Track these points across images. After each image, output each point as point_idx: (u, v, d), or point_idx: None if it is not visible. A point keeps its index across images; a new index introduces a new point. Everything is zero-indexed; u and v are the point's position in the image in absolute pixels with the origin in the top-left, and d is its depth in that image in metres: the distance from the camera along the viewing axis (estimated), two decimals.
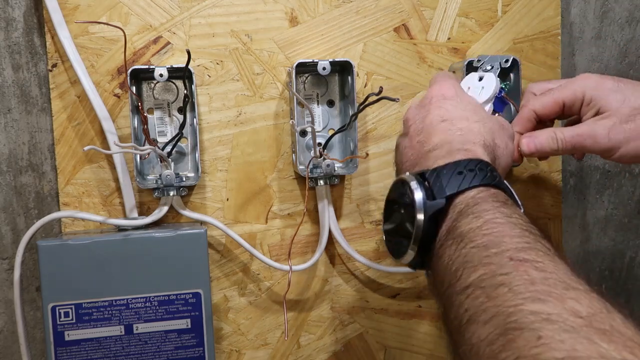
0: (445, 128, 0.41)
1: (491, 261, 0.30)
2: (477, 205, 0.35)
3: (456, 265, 0.32)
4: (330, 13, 0.59)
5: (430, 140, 0.41)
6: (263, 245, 0.59)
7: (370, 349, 0.63)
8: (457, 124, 0.41)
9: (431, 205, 0.36)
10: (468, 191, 0.36)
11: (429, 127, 0.42)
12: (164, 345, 0.52)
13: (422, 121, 0.43)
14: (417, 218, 0.36)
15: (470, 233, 0.33)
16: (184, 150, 0.57)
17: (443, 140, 0.40)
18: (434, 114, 0.43)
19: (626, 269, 0.71)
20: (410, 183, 0.37)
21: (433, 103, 0.44)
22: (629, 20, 0.67)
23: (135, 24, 0.55)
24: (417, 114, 0.45)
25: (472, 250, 0.32)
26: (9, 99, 0.55)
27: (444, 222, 0.36)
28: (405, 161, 0.43)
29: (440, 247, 0.35)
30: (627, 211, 0.70)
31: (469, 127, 0.41)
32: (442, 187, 0.36)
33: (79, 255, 0.50)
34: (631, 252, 0.71)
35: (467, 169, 0.37)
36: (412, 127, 0.44)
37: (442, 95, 0.44)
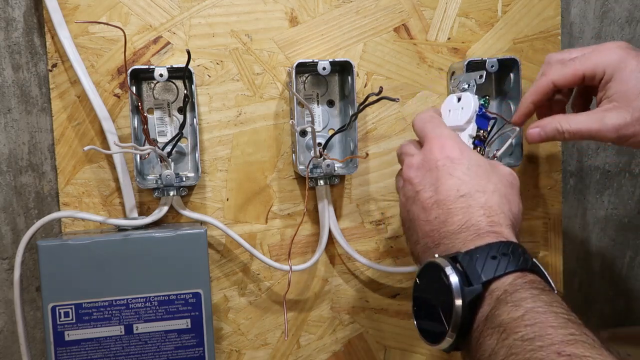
0: (466, 205, 0.40)
1: (538, 356, 0.30)
2: (516, 293, 0.34)
3: (500, 357, 0.32)
4: (330, 13, 0.59)
5: (452, 220, 0.40)
6: (263, 245, 0.59)
7: (370, 349, 0.63)
8: (476, 199, 0.40)
9: (469, 291, 0.35)
10: (504, 277, 0.35)
11: (446, 202, 0.41)
12: (164, 345, 0.52)
13: (434, 190, 0.42)
14: (455, 304, 0.35)
15: (512, 324, 0.33)
16: (184, 150, 0.57)
17: (468, 222, 0.39)
18: (448, 184, 0.41)
19: (626, 269, 0.71)
20: (445, 268, 0.36)
21: (441, 168, 0.42)
22: (629, 20, 0.67)
23: (135, 24, 0.55)
24: (424, 178, 0.43)
25: (516, 342, 0.32)
26: (9, 99, 0.55)
27: (480, 308, 0.35)
28: (422, 236, 0.42)
29: (479, 334, 0.35)
30: (627, 211, 0.70)
31: (489, 204, 0.40)
32: (478, 273, 0.35)
33: (79, 255, 0.50)
34: (631, 252, 0.71)
35: (500, 252, 0.36)
36: (423, 194, 0.42)
37: (448, 159, 0.43)
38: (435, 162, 0.43)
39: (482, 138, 0.50)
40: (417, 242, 0.43)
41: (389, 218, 0.62)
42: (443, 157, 0.43)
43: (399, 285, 0.63)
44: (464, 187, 0.41)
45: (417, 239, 0.43)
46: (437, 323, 0.37)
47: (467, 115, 0.49)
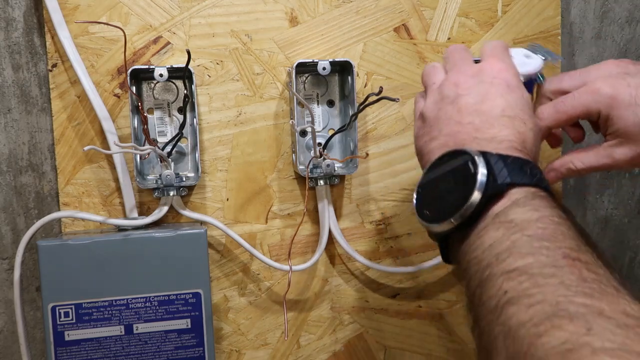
0: (506, 125, 0.40)
1: (543, 252, 0.30)
2: (535, 200, 0.34)
3: (501, 249, 0.32)
4: (330, 13, 0.59)
5: (488, 131, 0.40)
6: (263, 245, 0.59)
7: (370, 349, 0.63)
8: (517, 125, 0.40)
9: (493, 186, 0.35)
10: (528, 187, 0.35)
11: (489, 115, 0.40)
12: (164, 345, 0.52)
13: (480, 101, 0.41)
14: (475, 193, 0.35)
15: (525, 223, 0.33)
16: (184, 150, 0.57)
17: (505, 136, 0.39)
18: (497, 102, 0.41)
19: (626, 269, 0.71)
20: (476, 157, 0.36)
21: (495, 86, 0.42)
22: (629, 20, 0.67)
23: (135, 24, 0.55)
24: (474, 87, 0.42)
25: (523, 237, 0.32)
26: (9, 99, 0.55)
27: (494, 205, 0.35)
28: (445, 134, 0.41)
29: (483, 228, 0.35)
30: (627, 211, 0.70)
31: (527, 134, 0.40)
32: (505, 175, 0.35)
33: (79, 255, 0.50)
34: (631, 252, 0.71)
35: (529, 167, 0.36)
36: (466, 99, 0.42)
37: (505, 82, 0.42)
38: (492, 77, 0.42)
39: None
40: (434, 139, 0.42)
41: (389, 218, 0.62)
42: (500, 78, 0.42)
43: (399, 285, 0.63)
44: (509, 110, 0.41)
45: (436, 135, 0.42)
46: (444, 206, 0.37)
47: (524, 70, 0.47)
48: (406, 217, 0.62)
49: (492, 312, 0.30)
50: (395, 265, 0.62)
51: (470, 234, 0.35)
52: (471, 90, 0.42)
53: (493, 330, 0.30)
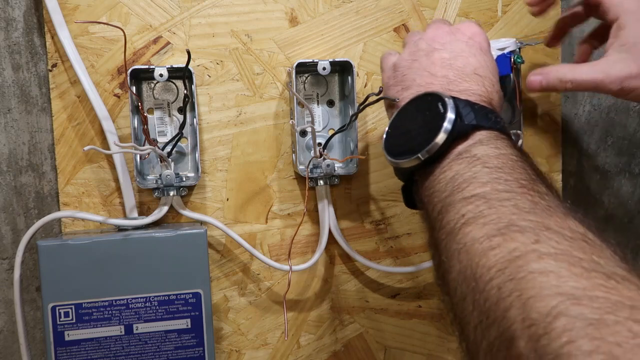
0: (477, 82, 0.42)
1: (500, 181, 0.33)
2: (498, 141, 0.37)
3: (462, 179, 0.35)
4: (330, 13, 0.59)
5: (460, 83, 0.42)
6: (263, 245, 0.59)
7: (370, 349, 0.63)
8: (486, 83, 0.42)
9: (461, 126, 0.37)
10: (493, 131, 0.38)
11: (462, 70, 0.42)
12: (164, 345, 0.52)
13: (454, 57, 0.43)
14: (441, 133, 0.37)
15: (485, 157, 0.35)
16: (184, 150, 0.57)
17: (474, 91, 0.41)
18: (469, 60, 0.43)
19: None
20: (446, 99, 0.38)
21: (469, 46, 0.44)
22: None
23: (135, 24, 0.55)
24: (449, 44, 0.44)
25: (483, 169, 0.34)
26: (9, 99, 0.55)
27: (460, 144, 0.38)
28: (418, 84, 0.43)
29: (447, 163, 0.37)
30: (627, 211, 0.70)
31: (493, 93, 0.42)
32: (472, 117, 0.38)
33: (79, 255, 0.50)
34: (631, 252, 0.71)
35: (493, 115, 0.39)
36: (440, 53, 0.44)
37: (479, 44, 0.44)
38: (467, 38, 0.44)
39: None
40: (406, 88, 0.44)
41: (389, 218, 0.62)
42: (475, 41, 0.44)
43: (399, 285, 0.63)
44: (481, 70, 0.43)
45: (409, 85, 0.44)
46: (412, 143, 0.40)
47: (495, 44, 0.50)
48: (406, 217, 0.62)
49: (449, 233, 0.32)
50: (395, 265, 0.62)
51: (435, 169, 0.38)
52: (446, 46, 0.44)
53: (450, 249, 0.32)
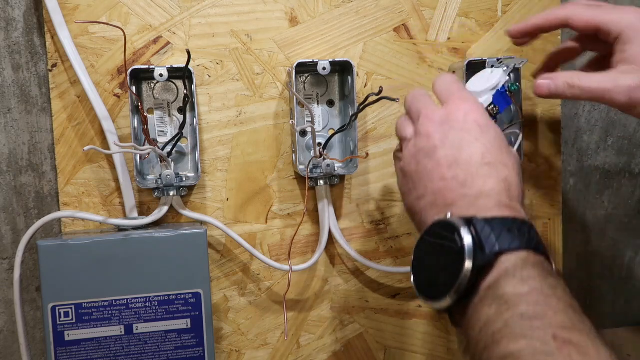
0: (489, 174, 0.39)
1: (535, 335, 0.30)
2: (525, 270, 0.34)
3: (495, 328, 0.32)
4: (330, 13, 0.59)
5: (473, 184, 0.39)
6: (263, 245, 0.59)
7: (370, 349, 0.63)
8: (500, 171, 0.40)
9: (481, 256, 0.35)
10: (517, 252, 0.35)
11: (469, 165, 0.40)
12: (164, 345, 0.52)
13: (457, 150, 0.40)
14: (465, 268, 0.35)
15: (515, 298, 0.33)
16: (184, 150, 0.57)
17: (490, 190, 0.39)
18: (474, 148, 0.40)
19: (626, 269, 0.71)
20: (461, 229, 0.36)
21: (468, 131, 0.41)
22: None
23: (135, 24, 0.55)
24: (446, 136, 0.41)
25: (514, 317, 0.32)
26: (9, 99, 0.56)
27: (487, 276, 0.35)
28: (431, 192, 0.41)
29: (479, 301, 0.35)
30: (627, 211, 0.70)
31: (510, 179, 0.40)
32: (493, 241, 0.35)
33: (79, 255, 0.50)
34: (631, 252, 0.71)
35: (516, 228, 0.36)
36: (442, 151, 0.41)
37: (476, 123, 0.41)
38: (461, 123, 0.41)
39: (491, 113, 0.49)
40: (421, 197, 0.42)
41: (389, 218, 0.62)
42: (471, 121, 0.41)
43: (399, 285, 0.63)
44: (489, 156, 0.40)
45: (422, 193, 0.41)
46: (439, 283, 0.37)
47: (487, 84, 0.49)
48: (406, 217, 0.62)
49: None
50: (395, 265, 0.62)
51: (468, 308, 0.35)
52: (445, 141, 0.41)
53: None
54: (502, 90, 0.49)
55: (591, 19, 0.46)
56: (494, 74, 0.51)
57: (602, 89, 0.44)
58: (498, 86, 0.49)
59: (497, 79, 0.50)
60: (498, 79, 0.50)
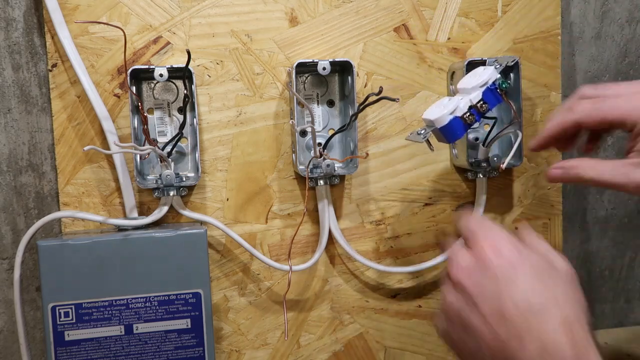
0: (540, 323, 0.35)
1: None
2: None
3: None
4: (330, 13, 0.59)
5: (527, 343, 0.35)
6: (263, 245, 0.59)
7: (370, 349, 0.63)
8: (552, 314, 0.35)
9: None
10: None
11: (515, 319, 0.35)
12: (164, 345, 0.52)
13: (498, 302, 0.36)
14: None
15: None
16: (184, 150, 0.57)
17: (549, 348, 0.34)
18: (515, 297, 0.36)
19: (626, 269, 0.71)
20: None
21: (501, 276, 0.37)
22: (629, 20, 0.67)
23: (135, 24, 0.55)
24: (481, 286, 0.37)
25: None
26: (9, 99, 0.56)
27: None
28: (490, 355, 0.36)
29: None
30: (627, 211, 0.70)
31: (565, 317, 0.35)
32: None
33: (79, 255, 0.50)
34: (631, 252, 0.71)
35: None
36: (483, 306, 0.37)
37: (508, 263, 0.38)
38: (492, 267, 0.38)
39: (480, 110, 0.49)
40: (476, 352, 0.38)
41: (389, 218, 0.62)
42: (502, 262, 0.38)
43: (399, 286, 0.63)
44: (534, 299, 0.36)
45: (483, 356, 0.37)
46: None
47: (477, 81, 0.49)
48: (406, 217, 0.62)
49: None
50: (395, 265, 0.62)
51: None
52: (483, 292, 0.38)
53: None
54: (492, 88, 0.49)
55: (603, 119, 0.44)
56: (485, 71, 0.51)
57: (614, 183, 0.43)
58: (488, 83, 0.49)
59: (487, 75, 0.50)
60: (488, 75, 0.50)
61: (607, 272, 0.71)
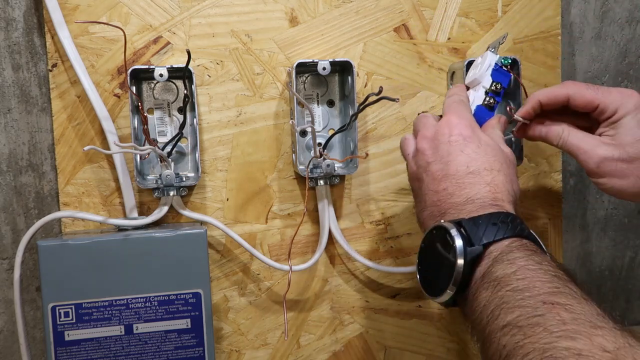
0: (474, 182, 0.44)
1: (526, 304, 0.34)
2: (511, 253, 0.38)
3: (493, 306, 0.36)
4: (330, 13, 0.59)
5: (459, 194, 0.44)
6: (263, 245, 0.59)
7: (370, 349, 0.63)
8: (484, 176, 0.44)
9: (471, 251, 0.39)
10: (502, 240, 0.39)
11: (456, 176, 0.44)
12: (164, 345, 0.52)
13: (445, 164, 0.45)
14: (458, 263, 0.39)
15: (506, 278, 0.37)
16: (184, 150, 0.57)
17: (474, 196, 0.43)
18: (458, 160, 0.45)
19: (626, 269, 0.71)
20: (450, 230, 0.40)
21: (453, 144, 0.45)
22: (629, 20, 0.67)
23: (135, 24, 0.55)
24: (436, 151, 0.46)
25: (507, 293, 0.36)
26: (9, 99, 0.56)
27: (478, 267, 0.39)
28: (429, 205, 0.45)
29: (476, 289, 0.39)
30: (627, 211, 0.70)
31: (495, 182, 0.44)
32: (480, 236, 0.39)
33: (79, 255, 0.50)
34: (631, 252, 0.71)
35: (500, 220, 0.40)
36: (433, 166, 0.45)
37: (461, 135, 0.46)
38: (447, 136, 0.46)
39: (496, 90, 0.52)
40: (423, 209, 0.46)
41: (389, 218, 0.62)
42: (456, 134, 0.46)
43: (399, 285, 0.63)
44: (473, 164, 0.44)
45: (424, 206, 0.46)
46: (439, 279, 0.41)
47: (483, 69, 0.52)
48: (406, 217, 0.62)
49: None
50: (395, 265, 0.62)
51: (467, 297, 0.39)
52: (436, 156, 0.46)
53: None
54: (497, 67, 0.52)
55: (592, 100, 0.49)
56: (483, 58, 0.53)
57: (581, 148, 0.48)
58: (491, 65, 0.52)
59: (487, 59, 0.52)
60: (489, 59, 0.52)
61: (607, 272, 0.71)
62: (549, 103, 0.50)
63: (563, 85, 0.51)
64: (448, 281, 0.40)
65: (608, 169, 0.47)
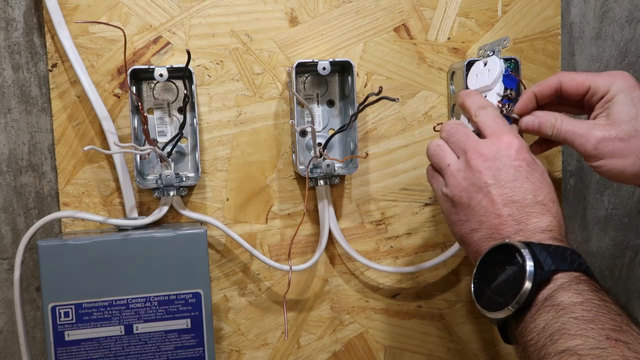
0: (542, 211, 0.43)
1: (589, 334, 0.35)
2: (579, 285, 0.39)
3: (552, 330, 0.37)
4: (330, 13, 0.59)
5: (529, 222, 0.43)
6: (263, 245, 0.59)
7: (370, 349, 0.63)
8: (550, 208, 0.44)
9: (541, 274, 0.39)
10: (571, 272, 0.40)
11: (523, 204, 0.44)
12: (164, 345, 0.52)
13: (511, 189, 0.44)
14: (526, 283, 0.39)
15: (571, 306, 0.37)
16: (184, 150, 0.57)
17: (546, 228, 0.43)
18: (526, 188, 0.44)
19: (626, 269, 0.71)
20: (522, 250, 0.40)
21: (518, 170, 0.44)
22: (629, 20, 0.67)
23: (135, 24, 0.55)
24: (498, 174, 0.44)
25: (570, 320, 0.36)
26: (9, 99, 0.56)
27: (542, 290, 0.39)
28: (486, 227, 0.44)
29: (536, 311, 0.39)
30: (627, 211, 0.70)
31: (559, 214, 0.44)
32: (550, 263, 0.40)
33: (79, 255, 0.50)
34: (631, 252, 0.71)
35: (569, 255, 0.41)
36: (496, 189, 0.44)
37: (525, 161, 0.45)
38: (511, 160, 0.45)
39: (510, 97, 0.51)
40: (476, 230, 0.45)
41: (389, 218, 0.62)
42: (520, 158, 0.45)
43: (399, 285, 0.63)
44: (540, 194, 0.44)
45: (476, 227, 0.45)
46: (501, 296, 0.41)
47: (494, 76, 0.51)
48: (406, 217, 0.62)
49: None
50: (395, 265, 0.62)
51: (525, 317, 0.40)
52: (497, 179, 0.44)
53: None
54: (506, 73, 0.52)
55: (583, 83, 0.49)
56: (490, 63, 0.52)
57: (576, 133, 0.48)
58: (502, 71, 0.52)
59: (498, 65, 0.52)
60: (499, 65, 0.52)
61: (607, 272, 0.71)
62: (542, 93, 0.50)
63: (554, 75, 0.51)
64: (511, 299, 0.40)
65: (606, 149, 0.47)
